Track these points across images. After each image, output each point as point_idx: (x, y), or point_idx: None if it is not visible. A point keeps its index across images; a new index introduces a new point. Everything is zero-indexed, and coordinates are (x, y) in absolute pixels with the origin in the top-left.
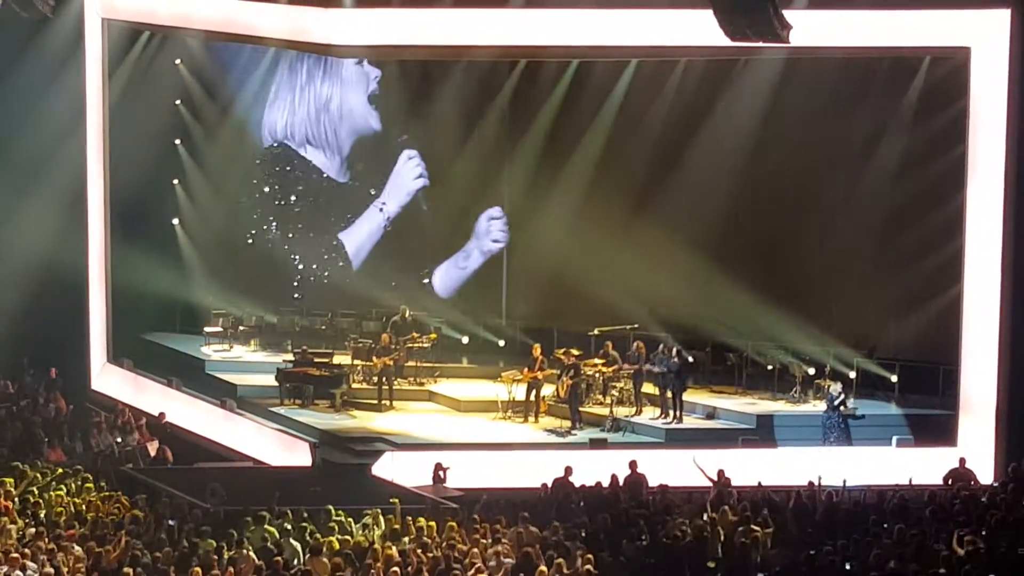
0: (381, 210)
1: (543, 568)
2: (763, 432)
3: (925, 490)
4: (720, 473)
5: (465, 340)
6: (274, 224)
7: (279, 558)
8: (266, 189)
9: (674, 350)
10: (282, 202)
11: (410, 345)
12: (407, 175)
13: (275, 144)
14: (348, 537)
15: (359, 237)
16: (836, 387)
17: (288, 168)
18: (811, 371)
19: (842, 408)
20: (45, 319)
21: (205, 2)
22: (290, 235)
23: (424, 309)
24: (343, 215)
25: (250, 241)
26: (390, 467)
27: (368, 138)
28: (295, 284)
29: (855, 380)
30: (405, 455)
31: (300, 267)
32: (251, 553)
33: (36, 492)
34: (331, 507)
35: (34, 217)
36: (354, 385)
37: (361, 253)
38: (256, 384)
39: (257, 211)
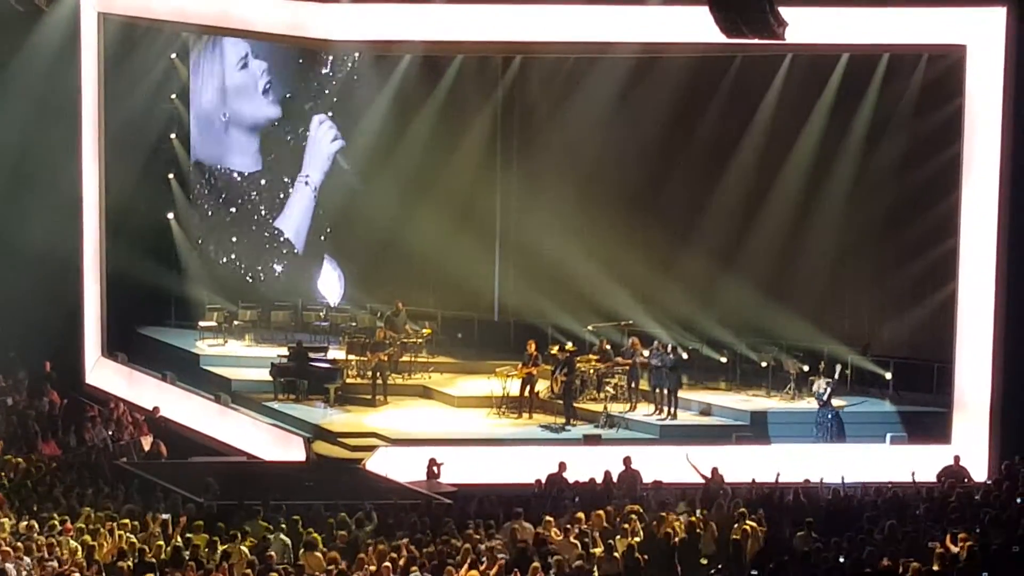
0: (307, 183)
1: (536, 564)
2: (757, 429)
3: (920, 487)
4: (714, 471)
5: (460, 336)
6: (212, 237)
7: (272, 552)
8: (190, 198)
9: (669, 346)
10: (211, 213)
11: (404, 340)
12: (323, 139)
13: (193, 162)
14: (343, 532)
15: (295, 218)
16: (821, 383)
17: (211, 178)
18: (805, 368)
19: (831, 402)
20: (39, 313)
21: None
22: (232, 239)
23: (418, 304)
24: (272, 204)
25: (195, 252)
26: (384, 462)
27: (273, 128)
28: (248, 282)
29: (849, 377)
30: (399, 450)
31: (247, 272)
32: (244, 548)
33: (30, 485)
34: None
35: (28, 211)
36: (348, 380)
37: (301, 234)
38: (250, 379)
39: (189, 226)
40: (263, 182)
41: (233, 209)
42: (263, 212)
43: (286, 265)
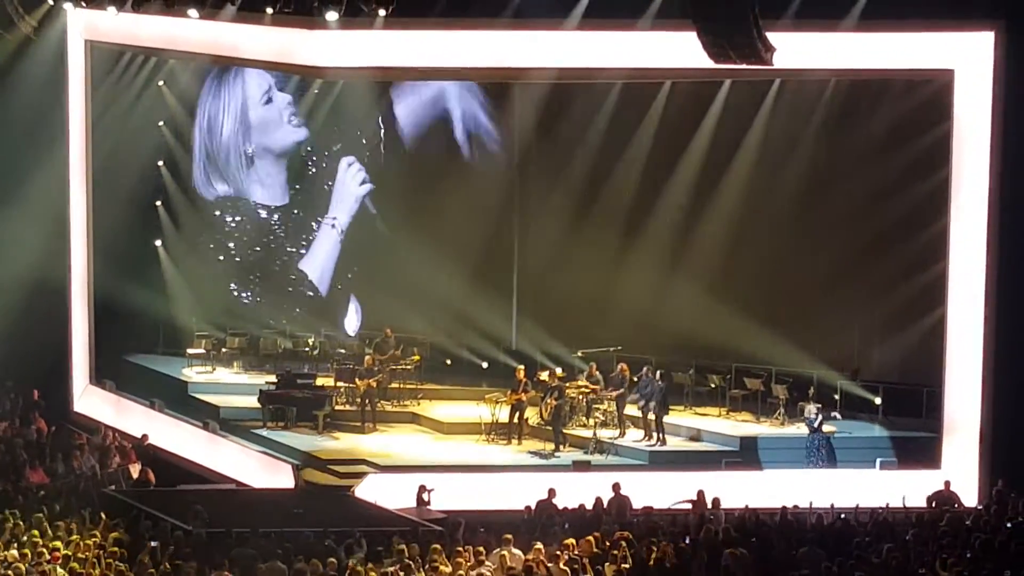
0: (333, 226)
1: None
2: (747, 454)
3: (909, 512)
4: (700, 494)
5: (448, 362)
6: (235, 278)
7: None
8: (212, 245)
9: (657, 372)
10: (236, 254)
11: (393, 367)
12: (351, 182)
13: (215, 199)
14: (332, 559)
15: (319, 260)
16: (812, 408)
17: (236, 214)
18: (795, 393)
19: (823, 428)
20: (27, 340)
21: (189, 24)
22: (252, 277)
23: (408, 331)
24: (297, 243)
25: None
26: (373, 489)
27: (298, 158)
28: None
29: (838, 401)
30: (388, 477)
31: (271, 316)
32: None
33: (18, 514)
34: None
35: (16, 238)
36: (337, 407)
37: (325, 276)
38: (239, 406)
39: (215, 265)
40: (289, 224)
41: (257, 247)
42: (287, 249)
43: (308, 307)
